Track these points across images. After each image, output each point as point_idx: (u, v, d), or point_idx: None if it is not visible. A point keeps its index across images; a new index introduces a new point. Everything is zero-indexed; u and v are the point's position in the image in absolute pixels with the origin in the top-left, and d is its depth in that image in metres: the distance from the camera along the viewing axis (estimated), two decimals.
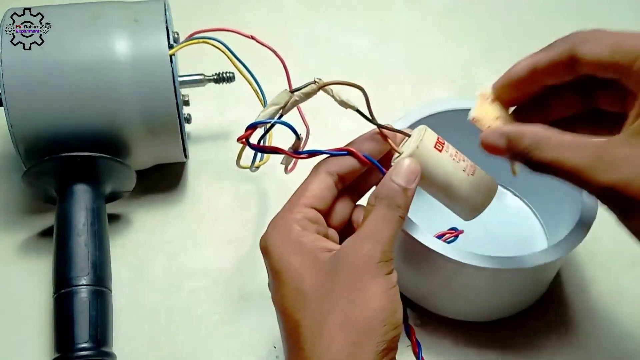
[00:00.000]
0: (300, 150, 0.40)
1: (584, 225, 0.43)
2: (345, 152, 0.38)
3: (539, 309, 0.49)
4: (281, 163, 0.42)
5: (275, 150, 0.39)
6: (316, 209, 0.38)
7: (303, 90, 0.39)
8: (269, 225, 0.37)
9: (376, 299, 0.33)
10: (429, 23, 0.74)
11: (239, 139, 0.38)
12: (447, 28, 0.73)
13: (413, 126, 0.47)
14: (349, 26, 0.73)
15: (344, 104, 0.39)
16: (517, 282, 0.46)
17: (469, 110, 0.44)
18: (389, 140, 0.39)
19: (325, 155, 0.39)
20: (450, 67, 0.69)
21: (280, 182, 0.56)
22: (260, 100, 0.52)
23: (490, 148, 0.36)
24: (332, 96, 0.39)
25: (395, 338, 0.33)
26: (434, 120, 0.47)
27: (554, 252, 0.42)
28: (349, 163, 0.39)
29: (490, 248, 0.44)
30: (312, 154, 0.39)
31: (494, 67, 0.68)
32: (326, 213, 0.39)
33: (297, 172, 0.43)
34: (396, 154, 0.39)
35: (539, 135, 0.34)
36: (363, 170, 0.39)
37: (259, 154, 0.49)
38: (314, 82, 0.38)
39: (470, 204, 0.39)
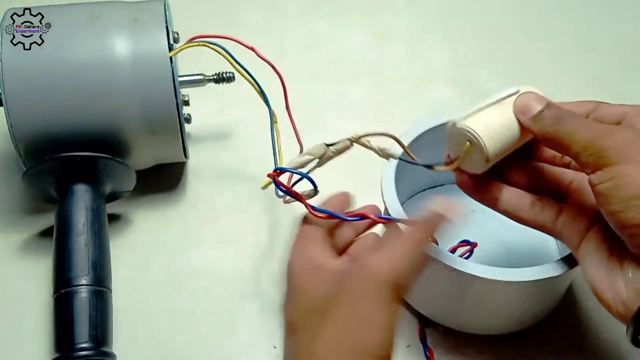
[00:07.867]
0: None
1: None
2: (360, 217, 0.40)
3: (557, 318, 0.48)
4: (278, 196, 0.43)
5: (298, 198, 0.40)
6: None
7: (337, 147, 0.40)
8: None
9: (376, 327, 0.33)
10: (429, 23, 0.74)
11: (269, 175, 0.39)
12: (447, 28, 0.73)
13: (415, 141, 0.47)
14: (349, 26, 0.73)
15: (385, 154, 0.40)
16: (534, 293, 0.45)
17: None
18: (408, 150, 0.41)
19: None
20: (450, 67, 0.69)
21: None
22: (264, 100, 0.52)
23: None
24: (371, 149, 0.40)
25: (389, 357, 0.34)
26: (434, 134, 0.47)
27: (566, 264, 0.41)
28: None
29: (503, 260, 0.44)
30: (330, 216, 0.39)
31: (494, 67, 0.69)
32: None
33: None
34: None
35: None
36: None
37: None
38: (349, 139, 0.39)
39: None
